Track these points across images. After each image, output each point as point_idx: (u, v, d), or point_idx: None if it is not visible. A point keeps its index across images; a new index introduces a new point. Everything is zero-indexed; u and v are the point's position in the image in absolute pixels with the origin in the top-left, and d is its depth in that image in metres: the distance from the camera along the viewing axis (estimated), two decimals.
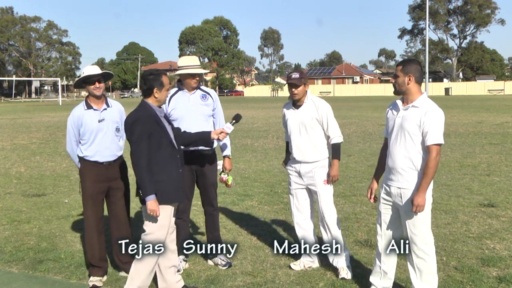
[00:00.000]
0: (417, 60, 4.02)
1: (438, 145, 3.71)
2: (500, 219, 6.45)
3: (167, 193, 4.01)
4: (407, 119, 3.80)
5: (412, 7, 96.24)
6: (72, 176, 10.18)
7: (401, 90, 3.86)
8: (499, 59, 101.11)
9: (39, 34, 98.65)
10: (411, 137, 3.78)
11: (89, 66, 4.69)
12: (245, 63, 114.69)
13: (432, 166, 3.69)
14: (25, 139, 17.80)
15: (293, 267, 4.88)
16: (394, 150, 3.89)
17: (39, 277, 4.80)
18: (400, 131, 3.84)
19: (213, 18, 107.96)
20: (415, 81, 3.82)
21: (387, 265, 4.11)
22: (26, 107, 52.64)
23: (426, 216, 3.84)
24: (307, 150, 4.75)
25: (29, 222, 6.68)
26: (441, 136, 3.73)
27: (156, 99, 4.06)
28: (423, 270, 3.87)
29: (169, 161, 4.03)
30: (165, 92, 4.08)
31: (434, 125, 3.70)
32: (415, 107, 3.80)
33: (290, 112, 4.87)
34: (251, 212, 7.09)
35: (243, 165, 11.26)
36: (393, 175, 3.91)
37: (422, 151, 3.78)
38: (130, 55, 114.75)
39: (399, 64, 3.91)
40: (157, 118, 4.02)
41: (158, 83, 4.02)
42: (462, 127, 19.39)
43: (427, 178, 3.71)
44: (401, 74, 3.84)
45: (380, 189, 4.13)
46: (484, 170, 9.98)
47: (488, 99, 50.91)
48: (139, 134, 3.91)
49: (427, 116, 3.72)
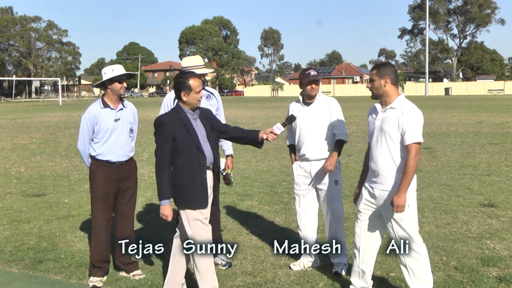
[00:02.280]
0: (391, 63, 4.10)
1: (417, 143, 3.74)
2: (500, 219, 6.45)
3: (188, 197, 3.95)
4: (386, 121, 3.85)
5: (412, 7, 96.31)
6: (72, 176, 10.18)
7: (378, 93, 3.91)
8: (499, 59, 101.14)
9: (39, 34, 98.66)
10: (392, 139, 3.81)
11: (116, 65, 4.70)
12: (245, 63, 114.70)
13: (411, 165, 3.71)
14: (25, 139, 17.80)
15: (293, 267, 4.88)
16: (376, 153, 3.91)
17: (39, 277, 4.80)
18: (381, 133, 3.87)
19: (213, 18, 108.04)
20: (391, 83, 3.87)
21: (365, 265, 4.12)
22: (26, 107, 52.63)
23: (414, 216, 3.86)
24: (320, 147, 4.74)
25: (29, 222, 6.68)
26: (419, 135, 3.76)
27: (186, 102, 4.00)
28: (415, 270, 3.87)
29: (193, 165, 3.95)
30: (195, 95, 3.98)
31: (412, 124, 3.74)
32: (393, 109, 3.84)
33: (300, 109, 4.85)
34: (251, 212, 7.09)
35: (243, 165, 11.26)
36: (377, 177, 3.92)
37: (403, 152, 3.80)
38: (130, 55, 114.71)
39: (374, 69, 3.96)
40: (186, 122, 3.96)
41: (185, 86, 3.96)
42: (462, 127, 19.39)
43: (406, 178, 3.72)
44: (376, 78, 3.89)
45: (363, 190, 4.13)
46: (484, 170, 9.98)
47: (488, 99, 50.89)
48: (163, 137, 3.90)
49: (404, 116, 3.76)
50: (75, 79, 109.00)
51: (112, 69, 4.60)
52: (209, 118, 4.20)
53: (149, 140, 15.59)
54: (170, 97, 5.01)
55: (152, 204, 7.66)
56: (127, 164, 4.72)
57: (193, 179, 3.94)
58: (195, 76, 4.04)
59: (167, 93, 5.19)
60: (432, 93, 72.18)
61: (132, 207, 4.82)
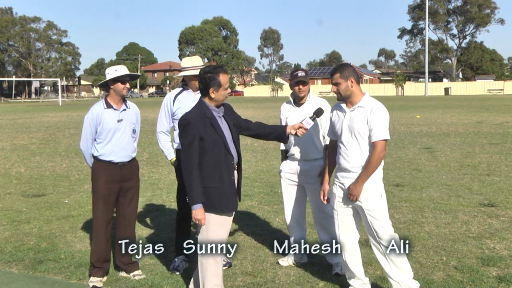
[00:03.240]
0: (348, 63, 4.21)
1: (384, 140, 3.85)
2: (500, 218, 6.45)
3: (216, 200, 3.73)
4: (355, 120, 3.94)
5: (411, 7, 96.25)
6: (72, 176, 10.18)
7: (346, 95, 4.00)
8: (498, 59, 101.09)
9: (38, 35, 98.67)
10: (362, 137, 3.91)
11: (119, 66, 4.70)
12: (245, 63, 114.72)
13: (374, 161, 3.84)
14: (25, 139, 17.79)
15: (281, 263, 4.94)
16: (348, 151, 3.98)
17: (39, 277, 4.80)
18: (351, 132, 3.96)
19: (213, 18, 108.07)
20: (356, 83, 3.98)
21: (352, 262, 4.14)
22: (26, 107, 52.62)
23: (384, 208, 3.96)
24: (308, 148, 4.77)
25: (29, 222, 6.68)
26: (386, 132, 3.87)
27: (213, 99, 3.78)
28: (395, 260, 3.92)
29: (221, 166, 3.75)
30: (223, 91, 3.78)
31: (379, 121, 3.85)
32: (361, 107, 3.95)
33: (290, 110, 4.90)
34: (251, 212, 7.09)
35: (243, 165, 11.23)
36: (348, 173, 3.99)
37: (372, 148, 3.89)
38: (129, 55, 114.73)
39: (336, 72, 4.01)
40: (213, 120, 3.74)
41: (215, 82, 3.73)
42: (462, 127, 19.39)
43: (367, 172, 3.85)
44: (342, 81, 3.97)
45: (333, 189, 4.18)
46: (484, 170, 9.98)
47: (488, 99, 50.89)
48: (191, 138, 3.67)
49: (372, 113, 3.87)
50: (74, 80, 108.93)
51: (115, 70, 4.61)
52: (232, 114, 3.98)
53: (149, 141, 15.59)
54: (170, 97, 5.01)
55: (152, 204, 7.66)
56: (130, 165, 4.73)
57: (222, 182, 3.75)
58: (224, 71, 3.83)
59: (167, 93, 5.19)
60: (432, 93, 72.17)
61: (134, 207, 4.82)
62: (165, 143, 5.04)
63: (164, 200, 7.93)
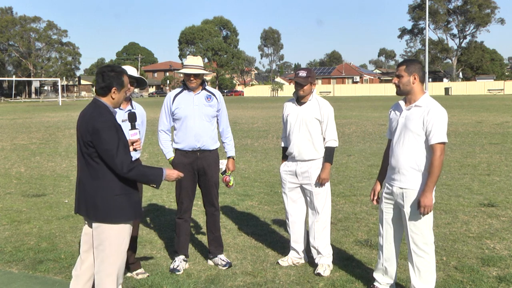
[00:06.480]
0: (418, 60, 4.05)
1: (442, 143, 3.72)
2: (500, 218, 6.45)
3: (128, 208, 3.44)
4: (411, 118, 3.82)
5: (412, 7, 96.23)
6: (72, 176, 10.17)
7: (405, 90, 3.87)
8: (499, 58, 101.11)
9: (38, 34, 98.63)
10: (415, 137, 3.79)
11: (128, 66, 4.68)
12: (245, 63, 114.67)
13: (437, 165, 3.70)
14: (25, 139, 17.79)
15: (281, 263, 4.94)
16: (397, 150, 3.89)
17: (39, 277, 4.80)
18: (404, 131, 3.85)
19: (213, 18, 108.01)
20: (419, 81, 3.85)
21: (388, 263, 4.13)
22: (26, 107, 52.62)
23: (428, 216, 3.85)
24: (305, 147, 4.76)
25: (29, 222, 6.68)
26: (444, 134, 3.74)
27: (113, 100, 3.49)
28: (422, 269, 3.88)
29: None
30: (123, 94, 3.54)
31: (437, 124, 3.72)
32: (418, 107, 3.82)
33: (292, 108, 4.89)
34: (251, 212, 7.09)
35: (243, 165, 11.26)
36: (396, 174, 3.92)
37: (425, 150, 3.79)
38: (130, 55, 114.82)
39: (402, 64, 3.91)
40: (117, 123, 3.42)
41: (119, 82, 3.47)
42: (462, 127, 19.39)
43: (432, 177, 3.71)
44: (405, 74, 3.85)
45: (382, 188, 4.14)
46: (484, 170, 9.98)
47: (488, 99, 50.90)
48: (117, 142, 3.32)
49: (430, 115, 3.73)
50: (75, 79, 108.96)
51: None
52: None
53: (149, 141, 15.59)
54: (170, 96, 5.01)
55: (152, 204, 7.66)
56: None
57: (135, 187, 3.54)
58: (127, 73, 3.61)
59: (167, 93, 5.19)
60: (432, 93, 72.17)
61: None
62: (165, 142, 5.04)
63: (164, 200, 7.94)
